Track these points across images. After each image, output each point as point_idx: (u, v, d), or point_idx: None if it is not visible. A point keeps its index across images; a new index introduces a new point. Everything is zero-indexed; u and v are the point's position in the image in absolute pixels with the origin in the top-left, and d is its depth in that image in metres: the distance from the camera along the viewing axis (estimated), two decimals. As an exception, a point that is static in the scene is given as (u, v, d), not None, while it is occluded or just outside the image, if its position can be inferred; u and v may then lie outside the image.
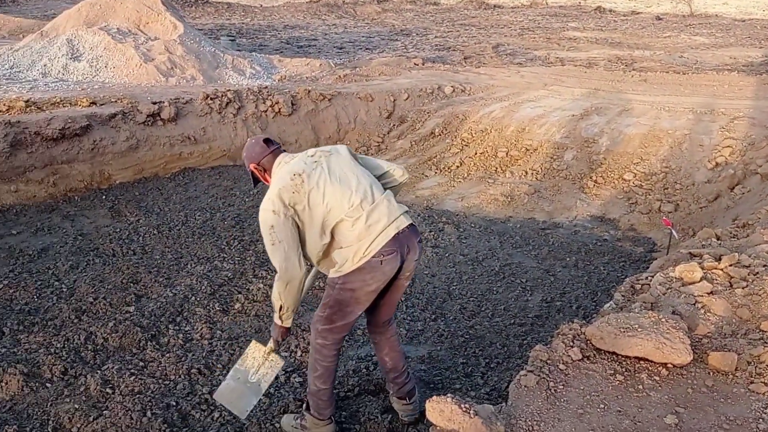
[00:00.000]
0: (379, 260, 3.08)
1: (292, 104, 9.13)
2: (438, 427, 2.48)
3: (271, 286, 5.16)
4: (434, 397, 2.53)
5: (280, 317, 3.26)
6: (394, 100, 9.77)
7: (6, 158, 6.81)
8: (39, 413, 3.71)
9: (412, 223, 3.25)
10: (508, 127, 8.64)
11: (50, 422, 3.63)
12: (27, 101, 7.54)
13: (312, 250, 3.15)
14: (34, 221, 6.50)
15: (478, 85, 10.56)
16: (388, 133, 9.35)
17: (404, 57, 13.45)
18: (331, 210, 3.07)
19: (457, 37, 18.08)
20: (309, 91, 9.36)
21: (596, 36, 18.63)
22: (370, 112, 9.58)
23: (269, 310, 4.91)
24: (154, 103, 8.09)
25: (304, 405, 3.52)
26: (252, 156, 3.28)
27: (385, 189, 3.27)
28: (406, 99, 9.83)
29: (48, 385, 3.96)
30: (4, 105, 7.39)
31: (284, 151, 3.35)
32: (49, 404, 3.78)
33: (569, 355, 3.11)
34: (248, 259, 5.72)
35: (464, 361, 4.30)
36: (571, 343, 3.18)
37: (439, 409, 2.45)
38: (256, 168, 3.28)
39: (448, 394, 2.55)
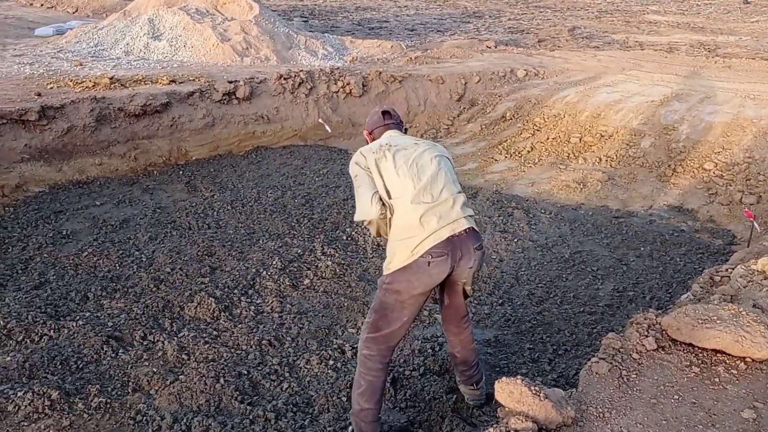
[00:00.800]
0: (427, 261, 2.97)
1: (363, 85, 9.17)
2: (506, 408, 2.48)
3: (339, 264, 5.26)
4: (504, 379, 2.53)
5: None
6: (465, 82, 9.67)
7: (92, 132, 7.13)
8: (120, 374, 3.91)
9: (473, 228, 3.11)
10: (583, 112, 8.43)
11: (130, 383, 3.82)
12: (111, 78, 7.86)
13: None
14: (117, 193, 6.79)
15: (552, 68, 10.32)
16: (458, 116, 9.28)
17: (476, 39, 13.27)
18: (395, 186, 3.05)
19: (531, 20, 17.70)
20: (380, 73, 9.38)
21: (678, 20, 17.88)
22: (441, 95, 9.52)
23: (337, 287, 5.00)
24: (230, 82, 8.28)
25: (350, 427, 3.35)
26: (368, 123, 3.42)
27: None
28: (478, 82, 9.71)
29: (129, 348, 4.16)
30: (91, 82, 7.72)
31: (400, 127, 3.38)
32: (129, 366, 3.98)
33: (643, 345, 3.04)
34: (317, 237, 5.82)
35: (531, 346, 4.27)
36: (646, 333, 3.11)
37: (508, 390, 2.45)
38: (368, 135, 3.38)
39: (518, 376, 2.54)
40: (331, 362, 4.00)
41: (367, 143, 3.37)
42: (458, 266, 3.07)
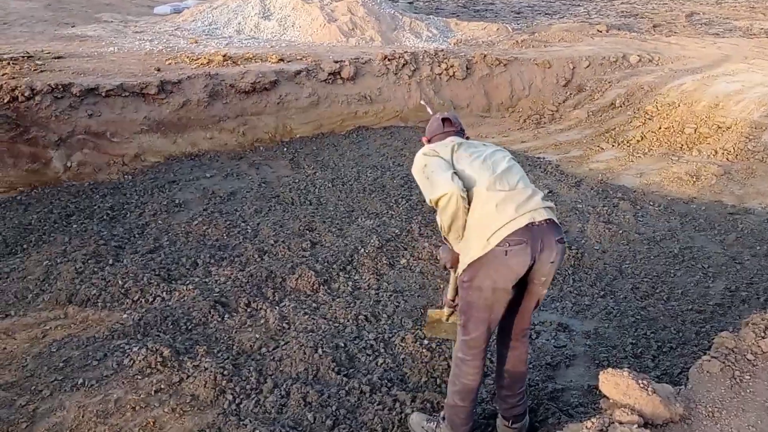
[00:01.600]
0: (504, 250, 2.74)
1: (467, 68, 9.08)
2: (611, 400, 2.41)
3: (435, 246, 5.26)
4: (610, 370, 2.46)
5: (446, 238, 3.00)
6: (574, 67, 9.37)
7: (205, 107, 7.45)
8: (225, 338, 4.10)
9: (552, 220, 2.85)
10: (699, 102, 7.98)
11: (234, 347, 4.00)
12: (224, 56, 8.17)
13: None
14: (225, 167, 7.08)
15: (668, 55, 9.82)
16: (564, 102, 9.02)
17: (586, 23, 12.80)
18: (469, 175, 2.89)
19: (645, 4, 16.88)
20: (485, 56, 9.24)
21: (811, 5, 16.52)
22: (546, 80, 9.28)
23: (433, 269, 5.01)
24: (336, 62, 8.41)
25: (442, 412, 3.25)
26: (428, 130, 3.24)
27: None
28: (587, 67, 9.39)
29: (234, 314, 4.35)
30: (205, 59, 8.06)
31: (461, 134, 3.19)
32: (234, 331, 4.16)
33: (759, 346, 2.87)
34: (415, 218, 5.84)
35: (633, 341, 4.12)
36: (763, 334, 2.93)
37: (614, 382, 2.38)
38: (427, 142, 3.19)
39: (625, 368, 2.47)
40: (425, 342, 4.02)
41: None
42: (539, 259, 2.81)
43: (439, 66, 8.96)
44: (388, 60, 8.71)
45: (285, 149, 7.66)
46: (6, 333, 4.16)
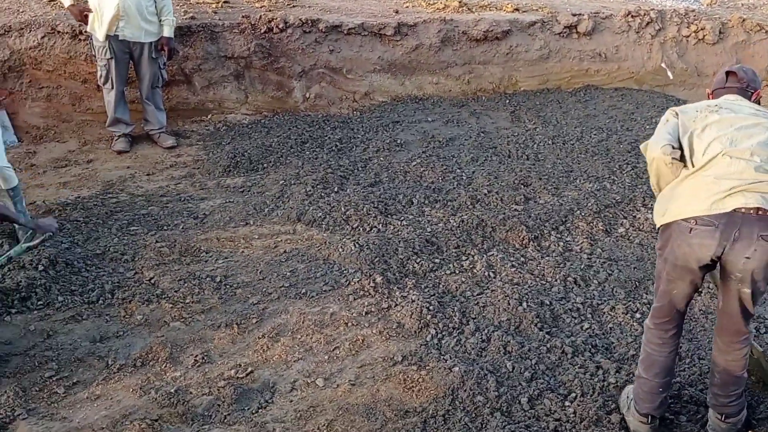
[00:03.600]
0: (689, 227, 2.59)
1: (720, 32, 8.19)
2: None
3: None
4: None
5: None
6: None
7: (435, 52, 7.57)
8: (432, 276, 4.23)
9: (765, 210, 2.53)
10: None
11: (441, 285, 4.13)
12: (460, 2, 8.18)
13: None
14: (447, 113, 7.19)
15: None
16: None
17: None
18: (704, 140, 2.69)
19: None
20: (743, 20, 8.25)
21: None
22: (817, 51, 8.08)
23: (653, 241, 4.71)
24: (573, 15, 8.03)
25: (629, 386, 3.17)
26: (714, 82, 3.05)
27: None
28: None
29: (442, 255, 4.48)
30: (442, 4, 8.14)
31: (746, 93, 2.90)
32: (441, 271, 4.28)
33: None
34: (640, 187, 5.50)
35: None
36: None
37: None
38: (710, 96, 3.01)
39: None
40: (638, 315, 3.83)
41: None
42: (731, 249, 2.56)
43: (687, 28, 8.18)
44: (631, 17, 8.13)
45: (507, 101, 7.56)
46: (245, 239, 4.69)
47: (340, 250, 4.44)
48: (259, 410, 3.12)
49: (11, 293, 3.83)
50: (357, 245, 4.43)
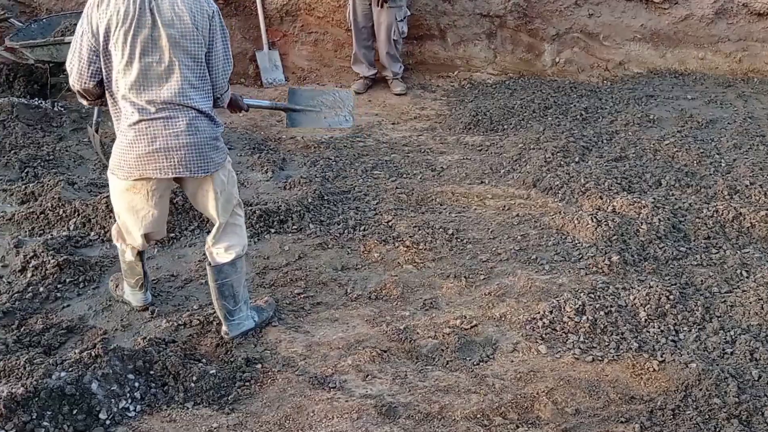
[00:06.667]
0: None
1: None
2: None
3: None
4: None
5: None
6: None
7: (706, 24, 6.88)
8: (675, 264, 3.93)
9: None
10: None
11: (684, 276, 3.82)
12: (744, -30, 7.30)
13: None
14: (709, 92, 6.54)
15: None
16: None
17: None
18: None
19: None
20: None
21: None
22: None
23: None
24: None
25: None
26: None
27: None
28: None
29: (689, 244, 4.14)
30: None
31: None
32: (686, 260, 3.97)
33: None
34: None
35: None
36: None
37: None
38: None
39: None
40: None
41: None
42: None
43: None
44: None
45: (785, 86, 6.68)
46: (479, 197, 4.75)
47: (576, 222, 4.30)
48: (480, 363, 3.19)
49: (273, 215, 4.30)
50: (595, 220, 4.26)
